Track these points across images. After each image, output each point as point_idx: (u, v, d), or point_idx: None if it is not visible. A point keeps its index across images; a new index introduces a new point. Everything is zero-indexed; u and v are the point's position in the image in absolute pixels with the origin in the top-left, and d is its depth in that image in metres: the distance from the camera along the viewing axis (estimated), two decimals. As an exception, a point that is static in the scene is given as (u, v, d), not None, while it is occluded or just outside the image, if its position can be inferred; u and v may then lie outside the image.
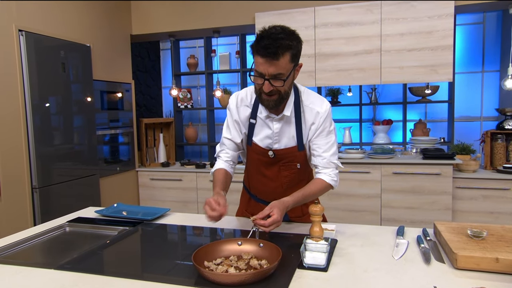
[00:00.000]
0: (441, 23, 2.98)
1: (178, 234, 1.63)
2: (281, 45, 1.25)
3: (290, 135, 1.50)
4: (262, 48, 1.26)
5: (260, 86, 1.35)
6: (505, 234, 1.31)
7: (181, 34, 4.09)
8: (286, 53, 1.28)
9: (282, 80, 1.31)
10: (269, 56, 1.26)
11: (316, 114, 1.47)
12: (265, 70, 1.29)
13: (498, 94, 4.06)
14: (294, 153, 1.51)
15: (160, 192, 3.98)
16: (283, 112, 1.46)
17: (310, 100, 1.48)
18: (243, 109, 1.55)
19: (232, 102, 1.57)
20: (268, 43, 1.25)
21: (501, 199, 2.98)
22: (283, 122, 1.49)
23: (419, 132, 3.94)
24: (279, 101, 1.38)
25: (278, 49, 1.25)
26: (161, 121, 4.34)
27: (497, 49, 4.04)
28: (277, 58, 1.26)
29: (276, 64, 1.27)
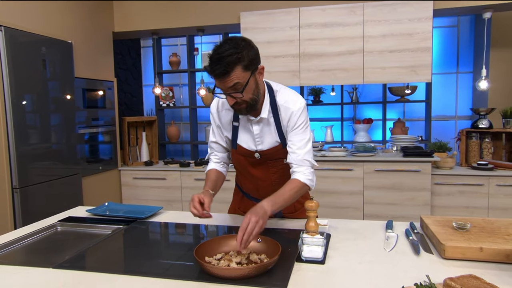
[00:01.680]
0: (420, 26, 3.10)
1: (174, 231, 1.64)
2: (228, 63, 1.29)
3: (271, 135, 1.53)
4: (212, 71, 1.32)
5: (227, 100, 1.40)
6: (486, 226, 1.40)
7: (164, 32, 4.06)
8: (236, 67, 1.30)
9: (239, 92, 1.33)
10: (220, 76, 1.31)
11: (291, 113, 1.48)
12: (222, 86, 1.35)
13: (472, 95, 4.26)
14: (279, 151, 1.54)
15: (143, 191, 3.95)
16: (260, 115, 1.49)
17: (285, 99, 1.50)
18: (224, 113, 1.57)
19: (213, 107, 1.60)
20: (215, 65, 1.30)
21: (476, 194, 3.13)
22: (263, 124, 1.52)
23: (398, 131, 4.07)
24: (250, 107, 1.41)
25: (226, 68, 1.29)
26: (144, 120, 4.29)
27: (470, 51, 4.22)
28: (227, 75, 1.30)
29: (228, 79, 1.31)
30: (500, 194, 3.09)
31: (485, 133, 3.31)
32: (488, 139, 3.31)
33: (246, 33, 3.51)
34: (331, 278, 1.12)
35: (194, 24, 3.73)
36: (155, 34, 4.04)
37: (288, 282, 1.08)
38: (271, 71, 3.49)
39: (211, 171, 1.64)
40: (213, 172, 1.63)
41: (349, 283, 1.09)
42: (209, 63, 1.32)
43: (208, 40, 4.80)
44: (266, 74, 3.57)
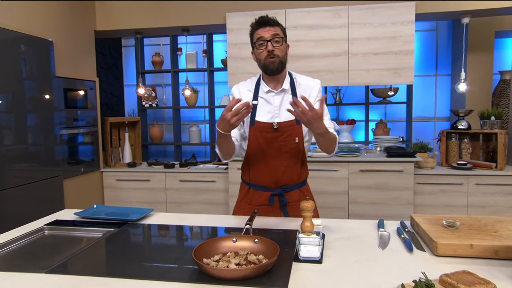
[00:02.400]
0: (403, 29, 3.18)
1: (167, 233, 1.62)
2: (274, 21, 1.67)
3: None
4: (261, 22, 1.66)
5: (265, 51, 1.64)
6: (473, 223, 1.45)
7: (148, 32, 4.00)
8: (278, 26, 1.68)
9: (281, 40, 1.65)
10: (267, 23, 1.65)
11: (311, 88, 1.75)
12: (267, 33, 1.64)
13: (450, 96, 4.40)
14: (293, 127, 1.71)
15: (126, 193, 3.88)
16: (282, 86, 1.73)
17: (304, 78, 1.80)
18: (245, 94, 1.77)
19: (235, 89, 1.83)
20: (264, 19, 1.66)
21: (456, 193, 3.24)
22: (282, 97, 1.73)
23: (380, 132, 4.16)
24: (280, 64, 1.67)
25: (272, 21, 1.66)
26: (127, 120, 4.22)
27: (448, 55, 4.37)
28: (272, 25, 1.65)
29: (273, 29, 1.65)
30: (478, 193, 3.20)
31: (464, 134, 3.43)
32: (466, 139, 3.42)
33: (232, 34, 3.50)
34: (330, 277, 1.13)
35: (179, 24, 3.69)
36: (139, 34, 3.98)
37: (288, 282, 1.09)
38: (256, 72, 3.45)
39: None
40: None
41: (348, 281, 1.11)
42: (256, 21, 1.67)
43: (190, 40, 4.76)
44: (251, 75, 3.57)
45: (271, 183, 1.78)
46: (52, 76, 3.15)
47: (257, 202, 1.80)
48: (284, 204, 1.78)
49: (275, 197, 1.79)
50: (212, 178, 3.70)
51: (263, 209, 1.77)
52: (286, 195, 1.79)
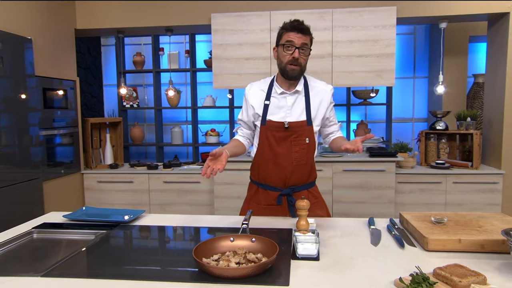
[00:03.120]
0: (385, 33, 3.27)
1: (162, 235, 1.61)
2: (308, 28, 1.71)
3: (300, 110, 1.77)
4: (296, 26, 1.67)
5: (290, 55, 1.68)
6: (459, 219, 1.52)
7: (130, 31, 3.94)
8: (309, 35, 1.71)
9: (307, 50, 1.70)
10: (301, 31, 1.67)
11: (324, 92, 1.81)
12: (297, 40, 1.66)
13: (427, 98, 4.56)
14: (304, 127, 1.76)
15: (108, 195, 3.80)
16: (296, 88, 1.77)
17: (316, 82, 1.84)
18: (259, 93, 1.81)
19: (248, 89, 1.87)
20: (300, 23, 1.69)
21: (435, 192, 3.36)
22: (295, 98, 1.77)
23: (361, 132, 4.25)
24: (300, 72, 1.72)
25: (307, 29, 1.70)
26: (109, 121, 4.13)
27: (425, 58, 4.52)
28: (305, 33, 1.68)
29: (305, 37, 1.68)
30: (456, 191, 3.33)
31: (442, 135, 3.56)
32: (444, 140, 3.56)
33: (217, 35, 3.50)
34: (329, 273, 1.16)
35: (163, 24, 3.66)
36: (121, 33, 3.91)
37: (289, 279, 1.11)
38: (242, 73, 3.51)
39: (234, 139, 1.88)
40: (235, 140, 1.87)
41: (347, 277, 1.14)
42: (292, 22, 1.69)
43: (174, 40, 4.73)
44: (237, 76, 3.59)
45: (280, 182, 1.80)
46: (31, 75, 3.05)
47: (266, 202, 1.82)
48: (292, 204, 1.78)
49: (283, 197, 1.80)
50: (196, 179, 3.69)
51: (271, 209, 1.80)
52: (295, 195, 1.80)
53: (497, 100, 3.39)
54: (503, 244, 1.29)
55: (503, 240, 1.29)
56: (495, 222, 1.47)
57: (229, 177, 3.51)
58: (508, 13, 3.21)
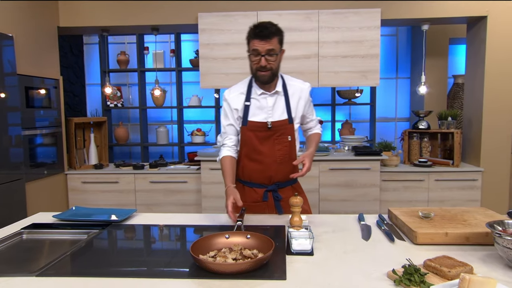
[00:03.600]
0: (369, 34, 3.35)
1: (155, 233, 1.60)
2: (271, 31, 1.66)
3: (281, 109, 1.80)
4: (258, 33, 1.65)
5: (257, 63, 1.68)
6: (445, 214, 1.58)
7: (116, 30, 3.89)
8: (275, 37, 1.67)
9: (275, 55, 1.67)
10: (264, 37, 1.64)
11: (302, 90, 1.84)
12: (261, 48, 1.65)
13: (409, 98, 4.67)
14: (285, 126, 1.80)
15: (93, 196, 3.75)
16: (276, 88, 1.79)
17: (293, 80, 1.87)
18: (238, 96, 1.82)
19: (228, 94, 1.86)
20: (262, 29, 1.65)
21: (418, 189, 3.45)
22: (275, 98, 1.80)
23: (346, 132, 4.33)
24: (272, 76, 1.72)
25: (270, 33, 1.65)
26: (93, 120, 4.07)
27: (408, 59, 4.64)
28: (269, 38, 1.65)
29: (269, 42, 1.65)
30: (438, 188, 3.43)
31: (424, 134, 3.67)
32: (426, 138, 3.66)
33: (204, 34, 3.50)
34: (324, 268, 1.19)
35: (150, 23, 3.63)
36: (105, 31, 3.86)
37: (286, 274, 1.13)
38: (229, 72, 3.52)
39: (227, 160, 1.81)
40: (229, 160, 1.81)
41: (341, 270, 1.17)
42: (254, 29, 1.66)
43: (158, 39, 4.69)
44: (224, 76, 3.60)
45: (265, 180, 1.84)
46: (11, 73, 2.98)
47: (252, 199, 1.84)
48: (278, 200, 1.83)
49: (269, 193, 1.84)
50: (183, 179, 3.68)
51: (257, 206, 1.81)
52: (279, 191, 1.85)
53: (476, 101, 3.51)
54: (486, 236, 1.35)
55: (486, 232, 1.35)
56: (478, 216, 1.54)
57: (216, 177, 3.51)
58: (486, 16, 3.33)
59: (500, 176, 3.43)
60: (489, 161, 3.42)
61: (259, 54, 1.66)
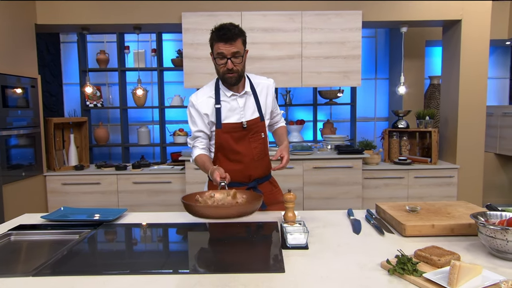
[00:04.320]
0: (351, 35, 3.43)
1: (149, 232, 1.60)
2: (235, 32, 1.65)
3: (252, 109, 1.83)
4: (222, 36, 1.63)
5: (223, 66, 1.68)
6: (430, 207, 1.65)
7: (97, 28, 3.82)
8: (239, 38, 1.67)
9: (240, 57, 1.68)
10: (228, 40, 1.63)
11: (268, 86, 1.88)
12: (227, 50, 1.65)
13: (388, 98, 4.81)
14: (258, 123, 1.84)
15: (74, 198, 3.66)
16: (245, 89, 1.81)
17: (258, 78, 1.90)
18: (209, 100, 1.80)
19: (195, 99, 1.82)
20: (226, 32, 1.63)
21: (398, 186, 3.57)
22: (245, 98, 1.82)
23: (328, 131, 4.42)
24: (238, 78, 1.73)
25: (233, 35, 1.64)
26: (73, 121, 3.98)
27: (386, 60, 4.78)
28: (234, 40, 1.64)
29: (233, 45, 1.64)
30: (417, 185, 3.56)
31: (403, 132, 3.79)
32: (405, 137, 3.79)
33: (188, 34, 3.50)
34: (320, 260, 1.23)
35: (132, 22, 3.59)
36: (86, 30, 3.78)
37: (284, 266, 1.16)
38: (213, 72, 3.49)
39: (202, 155, 1.82)
40: (204, 155, 1.82)
41: (337, 262, 1.21)
42: (217, 31, 1.65)
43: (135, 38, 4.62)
44: (208, 76, 3.60)
45: (245, 178, 1.86)
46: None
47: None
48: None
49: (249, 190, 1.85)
50: (167, 179, 3.65)
51: None
52: (259, 187, 1.89)
53: (452, 101, 3.66)
54: (469, 227, 1.43)
55: (469, 223, 1.43)
56: (460, 209, 1.62)
57: (201, 177, 3.51)
58: (460, 20, 3.49)
59: (474, 172, 3.59)
60: (464, 159, 3.58)
61: (225, 57, 1.65)
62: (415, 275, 1.08)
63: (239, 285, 1.05)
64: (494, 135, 4.29)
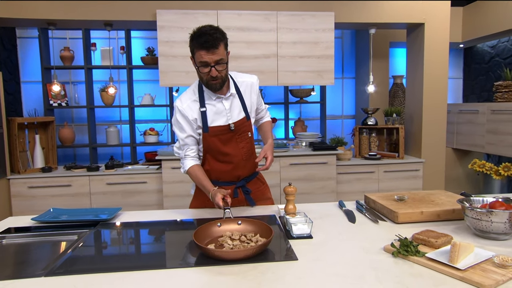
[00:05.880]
0: (324, 36, 3.56)
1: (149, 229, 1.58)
2: (217, 38, 1.58)
3: (237, 110, 1.81)
4: (203, 43, 1.55)
5: (207, 74, 1.63)
6: (414, 197, 1.78)
7: (64, 24, 3.66)
8: (221, 43, 1.60)
9: (224, 64, 1.63)
10: (211, 48, 1.56)
11: (251, 84, 1.86)
12: (210, 59, 1.58)
13: (355, 97, 5.02)
14: (245, 123, 1.82)
15: (42, 201, 3.49)
16: (230, 91, 1.78)
17: (241, 76, 1.87)
18: (194, 105, 1.76)
19: (180, 104, 1.76)
20: (207, 39, 1.55)
21: (369, 180, 3.75)
22: (231, 100, 1.79)
23: (299, 129, 4.53)
24: (222, 83, 1.69)
25: (216, 41, 1.57)
26: (38, 121, 3.78)
27: (352, 60, 4.98)
28: (216, 47, 1.57)
29: (217, 52, 1.58)
30: (386, 179, 3.76)
31: (372, 129, 3.98)
32: (374, 134, 3.98)
33: (163, 31, 3.45)
34: (326, 247, 1.30)
35: (103, 18, 3.47)
36: (52, 25, 3.61)
37: (296, 255, 1.22)
38: (189, 70, 3.51)
39: (196, 168, 1.78)
40: (199, 169, 1.78)
41: (343, 248, 1.29)
42: (197, 38, 1.56)
43: (105, 35, 4.48)
44: (184, 74, 3.58)
45: (234, 178, 1.86)
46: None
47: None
48: (248, 193, 1.89)
49: (238, 190, 1.89)
50: (143, 179, 3.58)
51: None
52: (248, 185, 1.91)
53: (416, 99, 3.91)
54: (453, 212, 1.56)
55: (453, 209, 1.56)
56: (442, 197, 1.76)
57: (178, 176, 3.48)
58: (423, 23, 3.73)
59: (438, 166, 3.86)
60: (428, 153, 3.83)
61: (208, 65, 1.59)
62: (418, 255, 1.17)
63: (258, 273, 1.09)
64: (452, 131, 4.63)
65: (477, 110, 4.23)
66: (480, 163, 4.19)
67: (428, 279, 1.05)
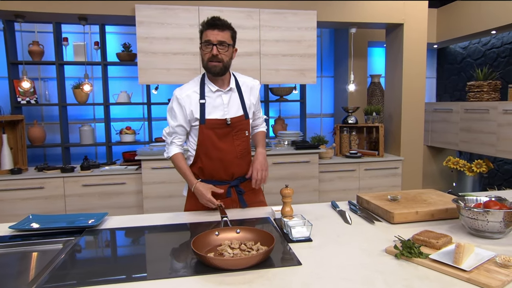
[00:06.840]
0: (307, 34, 3.55)
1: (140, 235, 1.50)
2: (225, 24, 1.71)
3: (236, 106, 1.82)
4: (211, 23, 1.68)
5: (209, 53, 1.68)
6: (407, 196, 1.79)
7: (34, 16, 3.45)
8: (228, 30, 1.72)
9: (226, 46, 1.69)
10: (217, 27, 1.67)
11: (253, 87, 1.89)
12: (213, 37, 1.67)
13: (333, 96, 5.06)
14: (242, 121, 1.83)
15: (11, 205, 3.29)
16: (230, 85, 1.81)
17: (244, 78, 1.91)
18: (193, 95, 1.78)
19: (179, 93, 1.78)
20: (215, 20, 1.69)
21: (350, 178, 3.78)
22: (230, 95, 1.81)
23: (279, 127, 4.52)
24: (223, 69, 1.72)
25: (223, 25, 1.70)
26: (5, 119, 3.56)
27: (331, 59, 5.02)
28: (222, 29, 1.68)
29: (221, 34, 1.68)
30: (367, 177, 3.81)
31: (353, 128, 4.02)
32: (354, 132, 4.03)
33: (142, 27, 3.32)
34: (327, 250, 1.27)
35: (77, 11, 3.31)
36: (20, 17, 3.39)
37: (299, 259, 1.18)
38: (170, 67, 3.40)
39: (180, 157, 1.82)
40: (182, 158, 1.82)
41: (344, 251, 1.26)
42: (208, 20, 1.69)
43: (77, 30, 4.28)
44: (165, 71, 3.47)
45: (228, 176, 1.84)
46: None
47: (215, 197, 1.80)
48: (241, 194, 1.85)
49: (232, 189, 1.84)
50: (121, 180, 3.45)
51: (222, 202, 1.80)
52: (242, 185, 1.88)
53: (396, 98, 3.98)
54: (446, 212, 1.58)
55: (446, 208, 1.58)
56: (433, 196, 1.78)
57: (159, 176, 3.38)
58: (402, 24, 3.80)
59: (416, 164, 3.95)
60: (407, 151, 3.91)
61: (211, 43, 1.67)
62: (421, 257, 1.17)
63: (265, 281, 1.05)
64: (427, 129, 4.75)
65: (451, 109, 4.36)
66: (454, 160, 4.33)
67: (435, 281, 1.05)
